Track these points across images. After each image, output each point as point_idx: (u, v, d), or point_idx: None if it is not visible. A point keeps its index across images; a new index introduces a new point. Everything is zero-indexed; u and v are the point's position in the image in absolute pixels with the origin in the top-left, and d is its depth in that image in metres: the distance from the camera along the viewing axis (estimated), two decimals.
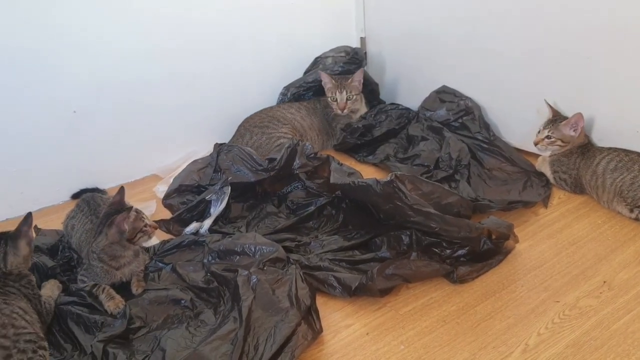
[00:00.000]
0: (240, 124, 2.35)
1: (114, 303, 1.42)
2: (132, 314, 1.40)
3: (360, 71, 2.39)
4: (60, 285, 1.52)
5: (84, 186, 2.08)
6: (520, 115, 2.13)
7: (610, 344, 1.28)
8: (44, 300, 1.40)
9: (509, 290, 1.49)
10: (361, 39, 2.67)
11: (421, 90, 2.40)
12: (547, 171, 1.97)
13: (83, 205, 1.70)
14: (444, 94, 2.33)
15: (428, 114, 2.32)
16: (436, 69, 2.39)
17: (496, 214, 1.72)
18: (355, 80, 2.37)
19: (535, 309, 1.41)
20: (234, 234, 1.69)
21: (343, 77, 2.39)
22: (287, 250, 1.62)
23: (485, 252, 1.56)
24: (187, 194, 1.96)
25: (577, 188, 1.89)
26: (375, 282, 1.45)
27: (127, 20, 2.04)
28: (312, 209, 1.83)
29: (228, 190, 1.83)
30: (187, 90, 2.26)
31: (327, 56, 2.53)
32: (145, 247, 1.63)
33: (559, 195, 1.91)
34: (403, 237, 1.62)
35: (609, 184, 1.77)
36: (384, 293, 1.48)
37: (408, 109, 2.41)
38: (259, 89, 2.46)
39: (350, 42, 2.63)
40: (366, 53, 2.68)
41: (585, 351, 1.27)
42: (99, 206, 1.67)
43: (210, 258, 1.57)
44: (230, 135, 2.36)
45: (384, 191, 1.61)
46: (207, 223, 1.77)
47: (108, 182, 2.14)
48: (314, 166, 1.94)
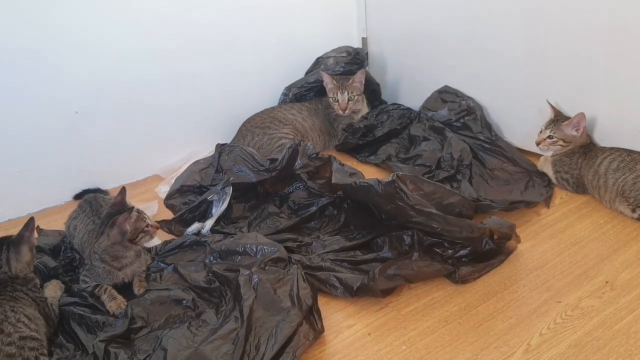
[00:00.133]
0: (241, 125, 2.35)
1: (115, 303, 1.42)
2: (134, 314, 1.40)
3: (361, 72, 2.38)
4: (63, 285, 1.52)
5: (86, 187, 2.08)
6: (521, 115, 2.13)
7: (612, 344, 1.28)
8: (50, 302, 1.40)
9: (511, 290, 1.49)
10: (362, 39, 2.67)
11: (423, 91, 2.40)
12: (549, 171, 1.97)
13: (85, 205, 1.70)
14: (446, 94, 2.32)
15: (430, 114, 2.32)
16: (438, 69, 2.39)
17: (498, 214, 1.72)
18: (356, 80, 2.37)
19: (537, 309, 1.41)
20: (235, 234, 1.69)
21: (344, 78, 2.38)
22: (289, 250, 1.62)
23: (487, 253, 1.56)
24: (189, 195, 1.96)
25: (579, 188, 1.89)
26: (377, 283, 1.45)
27: (127, 20, 2.04)
28: (314, 209, 1.83)
29: (230, 190, 1.83)
30: (188, 90, 2.26)
31: (329, 56, 2.53)
32: (147, 248, 1.64)
33: (561, 195, 1.91)
34: (405, 238, 1.62)
35: (611, 183, 1.77)
36: (386, 293, 1.48)
37: (410, 109, 2.41)
38: (260, 90, 2.46)
39: (352, 43, 2.63)
40: (367, 53, 2.67)
41: (587, 351, 1.27)
42: (101, 207, 1.67)
43: (211, 258, 1.57)
44: (231, 135, 2.36)
45: (386, 191, 1.61)
46: (209, 223, 1.77)
47: (110, 183, 2.14)
48: (315, 166, 1.94)
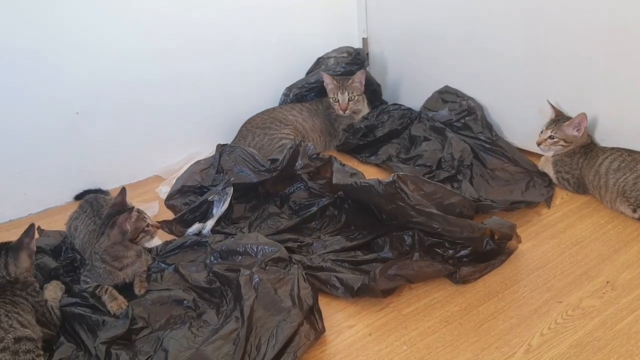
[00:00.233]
0: (242, 125, 2.35)
1: (116, 304, 1.42)
2: (135, 314, 1.40)
3: (361, 72, 2.38)
4: (63, 286, 1.51)
5: (86, 187, 2.08)
6: (522, 115, 2.13)
7: (613, 344, 1.28)
8: (51, 304, 1.39)
9: (512, 290, 1.49)
10: (363, 39, 2.67)
11: (423, 91, 2.40)
12: (550, 171, 1.97)
13: (86, 206, 1.70)
14: (447, 94, 2.32)
15: (430, 114, 2.32)
16: (438, 69, 2.39)
17: (499, 214, 1.72)
18: (356, 81, 2.37)
19: (538, 310, 1.41)
20: (236, 235, 1.69)
21: (345, 78, 2.38)
22: (290, 250, 1.62)
23: (487, 253, 1.56)
24: (190, 195, 1.96)
25: (580, 188, 1.89)
26: (377, 283, 1.45)
27: (127, 20, 2.04)
28: (315, 209, 1.83)
29: (230, 191, 1.82)
30: (188, 90, 2.26)
31: (330, 57, 2.53)
32: (147, 248, 1.64)
33: (561, 195, 1.91)
34: (405, 238, 1.62)
35: (612, 183, 1.77)
36: (387, 293, 1.48)
37: (410, 110, 2.41)
38: (260, 90, 2.46)
39: (352, 43, 2.63)
40: (368, 54, 2.68)
41: (588, 352, 1.27)
42: (101, 207, 1.67)
43: (212, 258, 1.57)
44: (232, 136, 2.36)
45: (387, 192, 1.61)
46: (210, 224, 1.77)
47: (111, 183, 2.14)
48: (316, 167, 1.93)
